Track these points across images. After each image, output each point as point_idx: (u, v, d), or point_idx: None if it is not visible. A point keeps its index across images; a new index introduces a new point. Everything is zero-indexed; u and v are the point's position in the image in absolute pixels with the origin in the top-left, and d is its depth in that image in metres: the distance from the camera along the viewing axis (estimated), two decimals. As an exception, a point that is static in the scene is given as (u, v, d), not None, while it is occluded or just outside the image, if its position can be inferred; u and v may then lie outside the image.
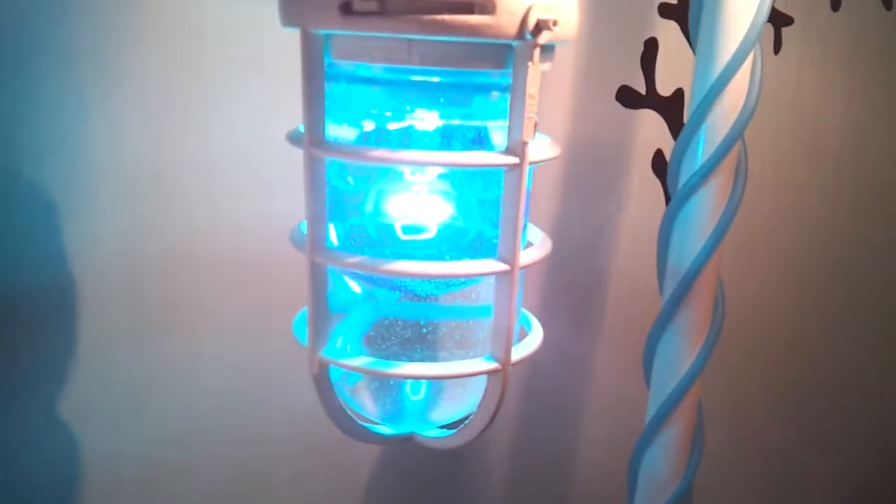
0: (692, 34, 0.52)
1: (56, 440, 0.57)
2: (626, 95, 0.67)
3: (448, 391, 0.43)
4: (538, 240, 0.43)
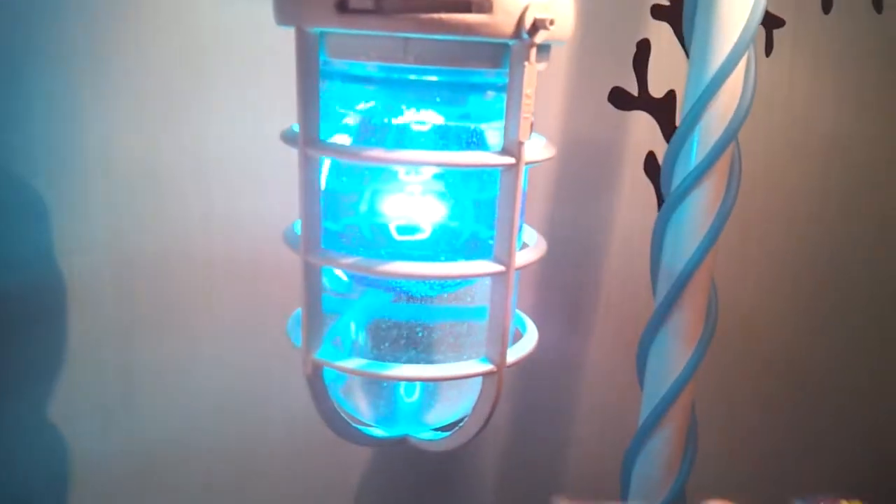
0: (686, 36, 0.52)
1: (48, 440, 0.57)
2: (619, 97, 0.67)
3: (442, 393, 0.43)
4: (533, 241, 0.43)
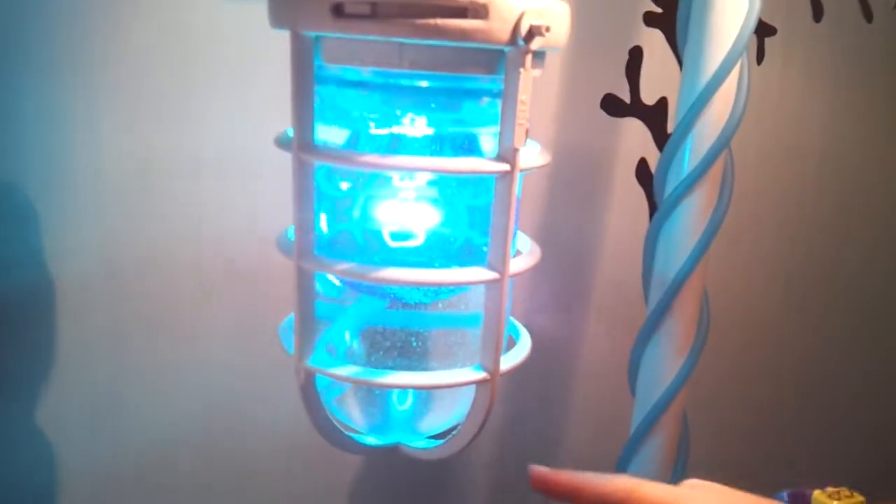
0: (679, 44, 0.52)
1: (38, 443, 0.56)
2: (611, 104, 0.67)
3: (435, 401, 0.43)
4: (526, 247, 0.43)
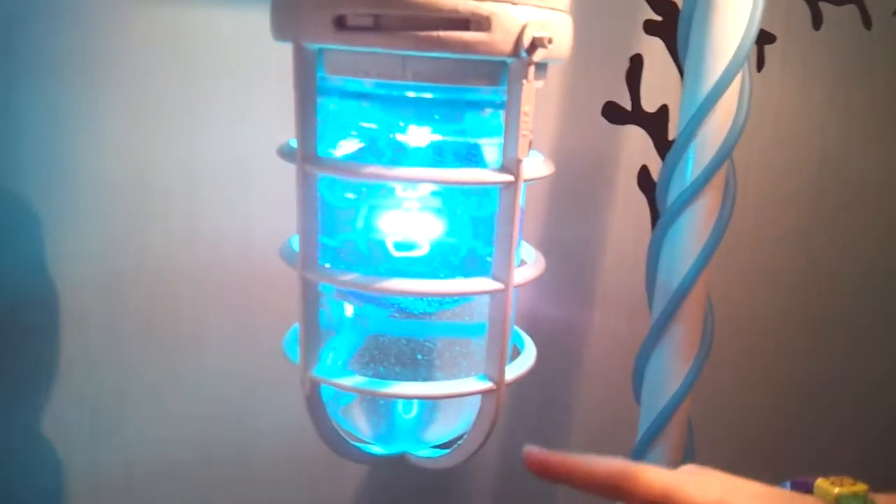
0: (680, 52, 0.52)
1: (39, 450, 0.56)
2: (612, 111, 0.68)
3: (440, 411, 0.43)
4: (531, 257, 0.43)
